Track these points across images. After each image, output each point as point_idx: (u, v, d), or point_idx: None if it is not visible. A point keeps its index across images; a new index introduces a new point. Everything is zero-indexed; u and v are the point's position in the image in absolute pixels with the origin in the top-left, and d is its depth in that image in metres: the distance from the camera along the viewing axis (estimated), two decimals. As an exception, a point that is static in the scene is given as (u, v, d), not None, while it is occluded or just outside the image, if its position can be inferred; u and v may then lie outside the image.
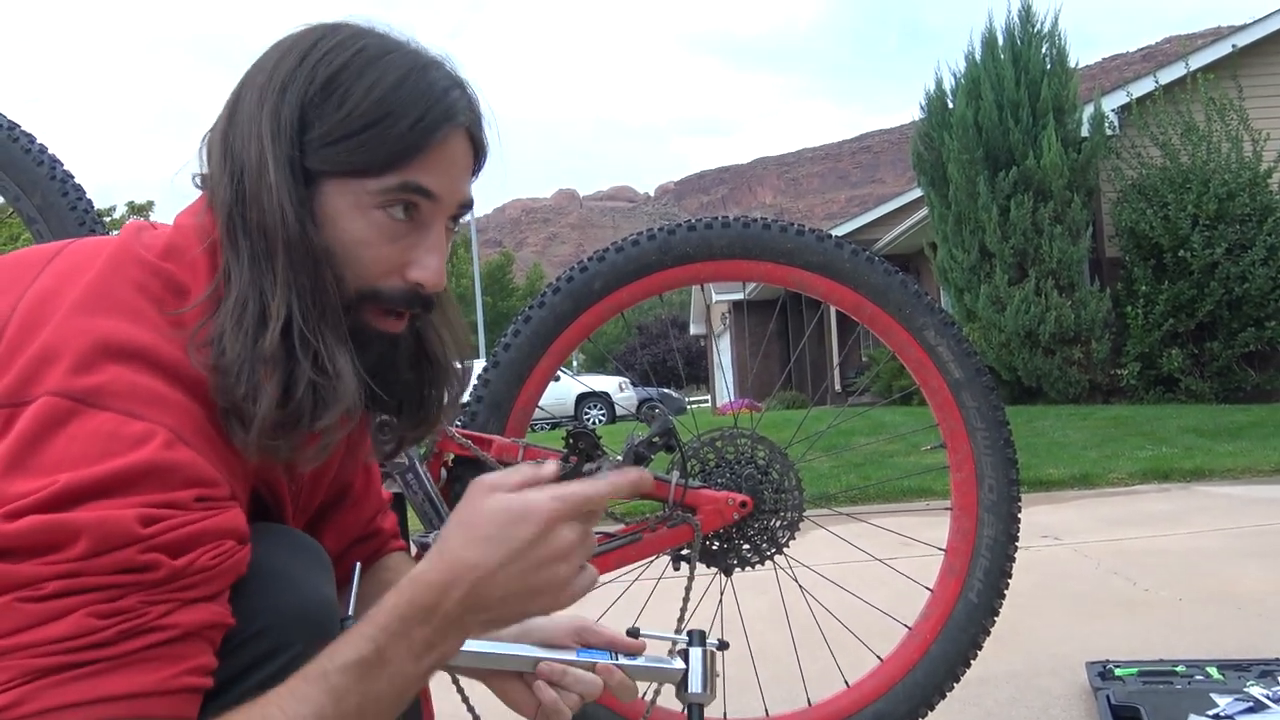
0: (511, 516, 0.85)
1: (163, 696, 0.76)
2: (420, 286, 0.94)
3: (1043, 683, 2.27)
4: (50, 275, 0.89)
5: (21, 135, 1.79)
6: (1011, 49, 11.49)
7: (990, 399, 1.67)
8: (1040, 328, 10.83)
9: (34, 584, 0.73)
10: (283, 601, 0.88)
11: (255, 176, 0.89)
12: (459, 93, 0.95)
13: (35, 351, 0.81)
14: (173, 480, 0.78)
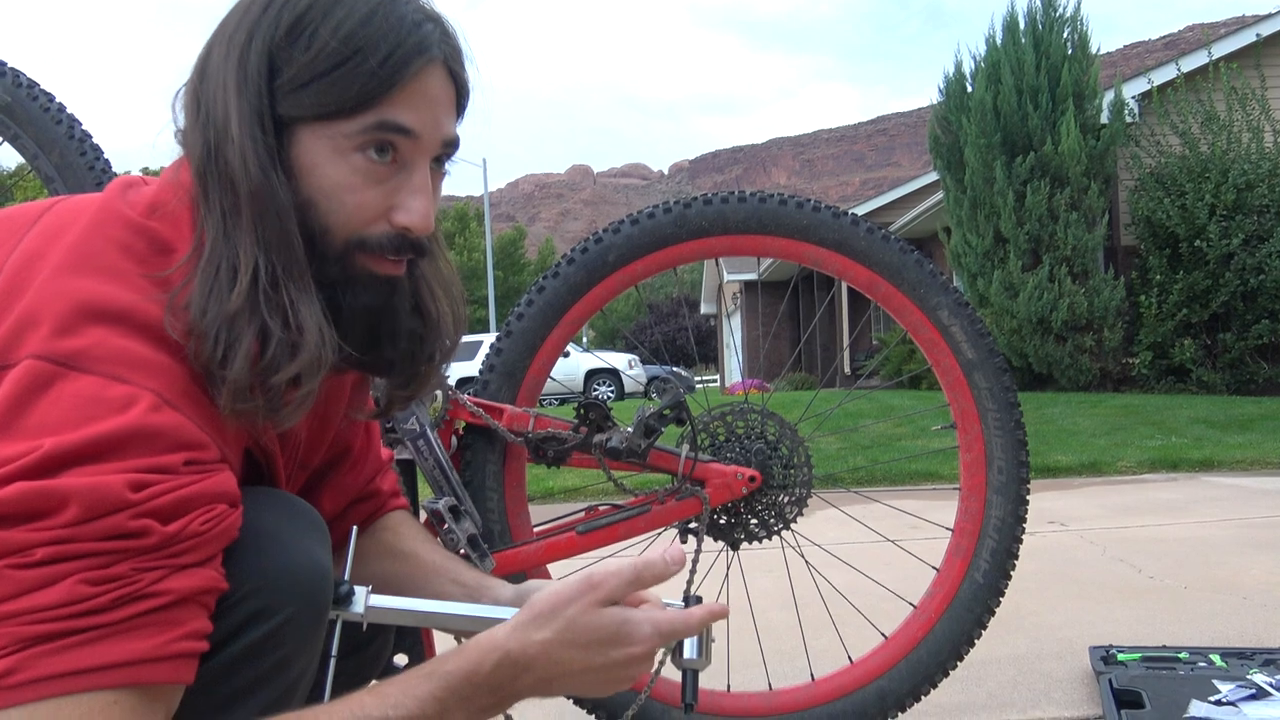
0: (614, 636, 0.91)
1: (160, 662, 0.76)
2: (407, 231, 0.92)
3: (1045, 666, 2.27)
4: (36, 235, 0.88)
5: (40, 94, 1.79)
6: (1033, 33, 11.39)
7: (1002, 380, 1.67)
8: (1053, 315, 10.79)
9: (24, 550, 0.73)
10: (274, 564, 0.87)
11: (222, 130, 0.87)
12: (432, 26, 0.92)
13: (18, 314, 0.80)
14: (160, 444, 0.78)
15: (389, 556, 1.22)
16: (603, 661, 0.91)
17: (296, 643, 0.88)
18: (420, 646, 1.51)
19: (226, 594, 0.83)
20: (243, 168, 0.86)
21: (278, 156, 0.88)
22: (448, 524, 1.44)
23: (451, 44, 0.94)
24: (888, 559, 2.04)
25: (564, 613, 0.90)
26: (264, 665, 0.86)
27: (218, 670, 0.83)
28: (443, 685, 0.86)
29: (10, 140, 1.82)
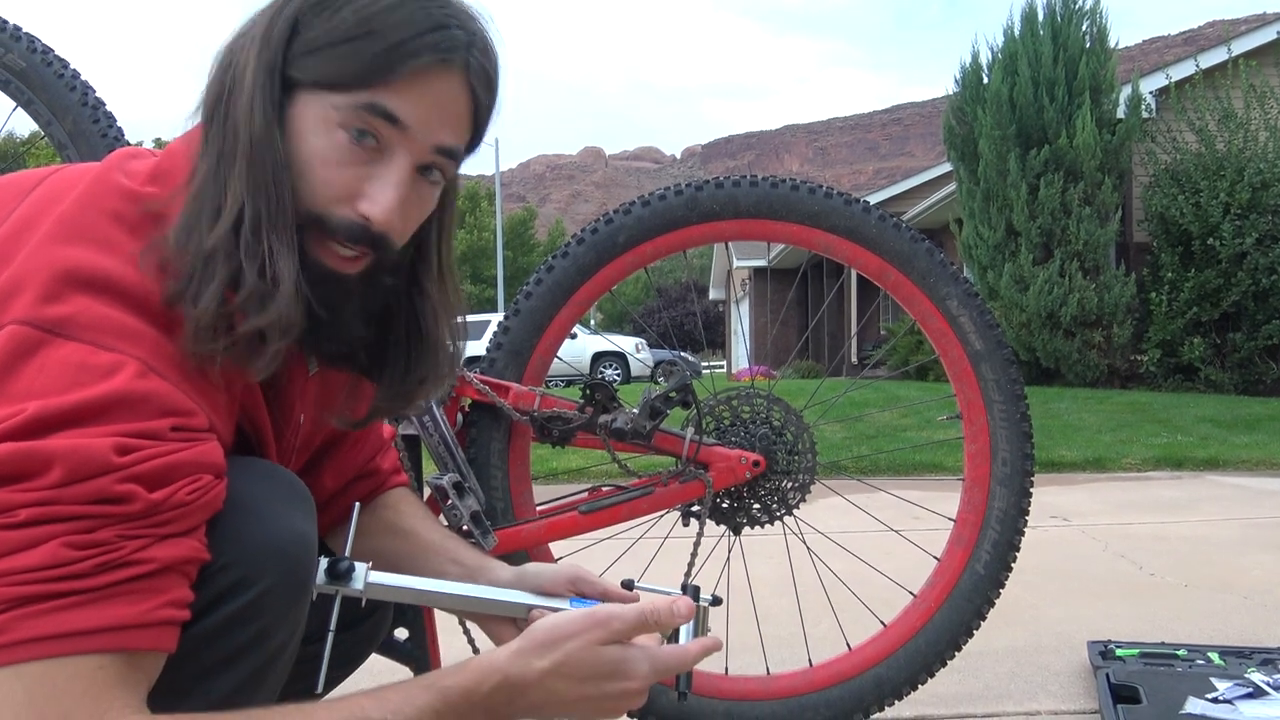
0: (612, 672, 0.94)
1: (143, 629, 0.76)
2: (368, 221, 0.90)
3: (1043, 659, 2.28)
4: (30, 203, 0.88)
5: (55, 60, 1.79)
6: (1051, 25, 11.30)
7: (1010, 372, 1.66)
8: (1062, 309, 10.75)
9: (7, 511, 0.73)
10: (255, 534, 0.87)
11: (238, 78, 0.88)
12: (462, 35, 0.91)
13: (4, 281, 0.80)
14: (146, 409, 0.78)
15: (389, 533, 1.22)
16: (597, 694, 0.94)
17: (276, 614, 0.89)
18: (421, 622, 1.52)
19: (207, 564, 0.83)
20: (247, 115, 0.87)
21: (280, 115, 0.88)
22: (451, 500, 1.45)
23: (478, 60, 0.92)
24: (889, 548, 2.04)
25: (565, 645, 0.92)
26: (244, 636, 0.86)
27: (198, 639, 0.83)
28: (441, 699, 0.87)
29: (24, 106, 1.82)
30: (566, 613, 0.96)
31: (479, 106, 0.95)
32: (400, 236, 0.94)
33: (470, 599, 1.11)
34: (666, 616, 0.99)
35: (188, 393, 0.82)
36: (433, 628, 1.53)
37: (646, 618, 0.97)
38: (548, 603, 1.11)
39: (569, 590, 1.13)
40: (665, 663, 0.98)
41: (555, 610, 1.09)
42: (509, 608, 1.12)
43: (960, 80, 12.31)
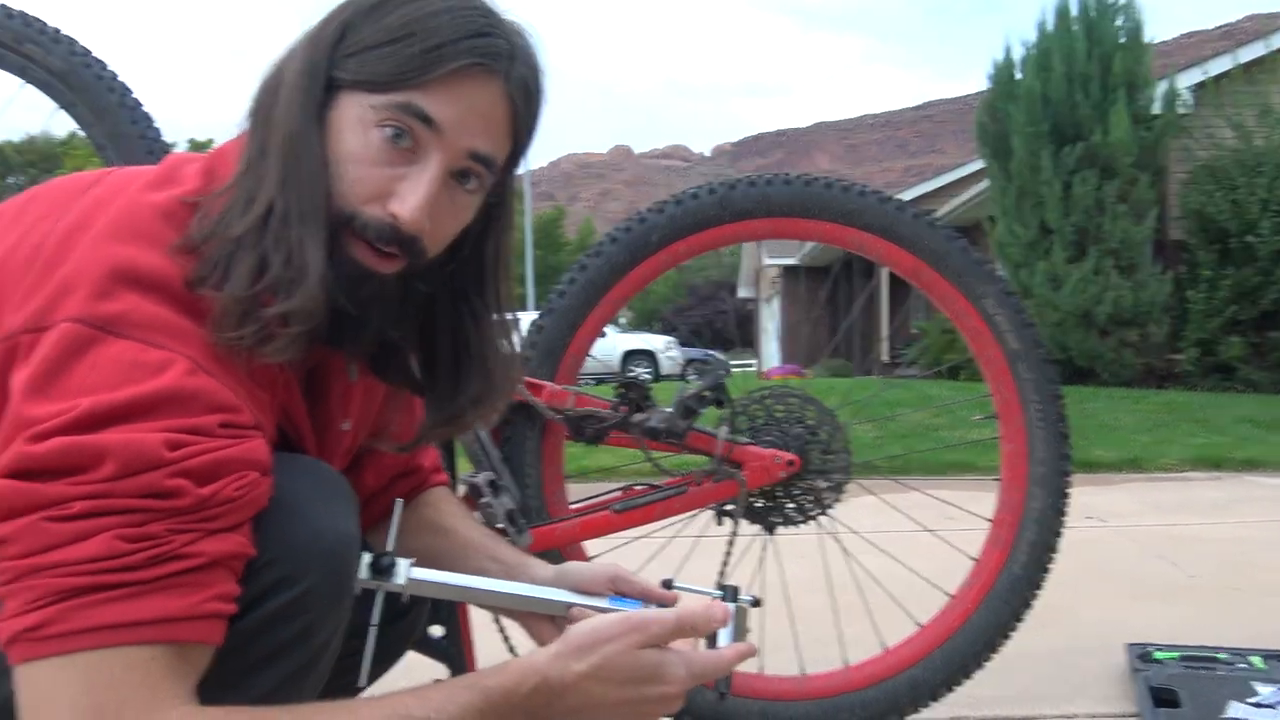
0: (649, 676, 0.93)
1: (191, 621, 0.77)
2: (396, 220, 0.90)
3: (1081, 662, 2.25)
4: (85, 203, 0.89)
5: (94, 62, 1.82)
6: (1085, 20, 11.17)
7: (1046, 371, 1.65)
8: (1097, 308, 10.62)
9: (61, 503, 0.74)
10: (300, 532, 0.88)
11: (283, 78, 0.91)
12: (504, 44, 0.92)
13: (60, 278, 0.82)
14: (196, 406, 0.79)
15: (428, 531, 1.23)
16: (635, 697, 0.94)
17: (320, 610, 0.89)
18: (456, 620, 1.52)
19: (253, 559, 0.84)
20: (286, 110, 0.89)
21: (319, 113, 0.90)
22: (486, 498, 1.45)
23: (520, 71, 0.93)
24: (923, 548, 2.03)
25: (603, 649, 0.92)
26: (288, 632, 0.87)
27: (244, 634, 0.84)
28: (483, 698, 0.87)
29: (65, 107, 1.84)
30: (604, 616, 0.96)
31: (518, 118, 0.95)
32: (432, 241, 0.94)
33: (510, 596, 1.11)
34: (703, 622, 0.99)
35: (234, 390, 0.84)
36: (468, 626, 1.54)
37: (684, 622, 0.97)
38: (587, 601, 1.11)
39: (608, 589, 1.13)
40: (702, 667, 0.98)
41: (595, 608, 1.09)
42: (549, 605, 1.12)
43: (992, 76, 12.20)
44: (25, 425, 0.76)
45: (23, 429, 0.76)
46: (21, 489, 0.75)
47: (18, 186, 36.32)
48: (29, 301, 0.82)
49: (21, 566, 0.74)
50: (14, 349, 0.80)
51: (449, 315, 1.04)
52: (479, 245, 1.03)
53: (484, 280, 1.05)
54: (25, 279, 0.84)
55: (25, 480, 0.75)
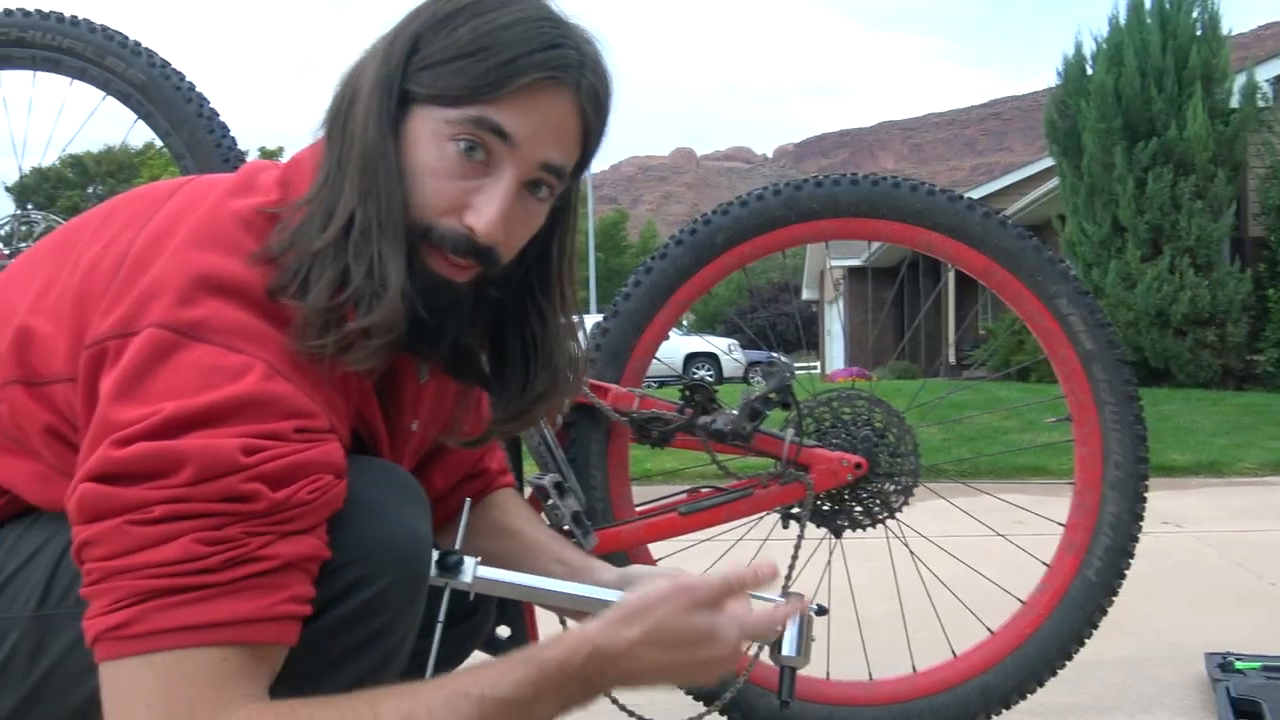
0: (701, 637, 0.94)
1: (266, 623, 0.79)
2: (472, 233, 0.92)
3: (1157, 670, 2.20)
4: (167, 212, 0.92)
5: (173, 73, 1.87)
6: (1159, 12, 10.90)
7: (1122, 373, 1.61)
8: (1172, 308, 10.36)
9: (143, 508, 0.77)
10: (375, 533, 0.90)
11: (356, 89, 0.92)
12: (574, 54, 0.93)
13: (144, 285, 0.84)
14: (272, 411, 0.81)
15: (495, 533, 1.24)
16: (688, 660, 0.94)
17: (395, 610, 0.91)
18: (522, 621, 1.53)
19: (329, 561, 0.86)
20: (363, 125, 0.90)
21: (395, 126, 0.91)
22: (552, 500, 1.46)
23: (590, 81, 0.94)
24: (991, 552, 2.00)
25: (653, 614, 0.92)
26: (364, 631, 0.89)
27: (319, 635, 0.85)
28: (538, 671, 0.88)
29: (144, 118, 1.90)
30: (654, 583, 0.96)
31: (588, 127, 0.96)
32: (505, 250, 0.96)
33: (575, 597, 1.12)
34: (750, 579, 0.98)
35: (309, 395, 0.85)
36: (534, 626, 1.55)
37: (731, 582, 0.97)
38: None
39: None
40: (754, 625, 0.98)
41: None
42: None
43: (1062, 72, 11.97)
44: (111, 428, 0.79)
45: (109, 432, 0.79)
46: (106, 493, 0.77)
47: (97, 196, 37.45)
48: (115, 308, 0.84)
49: (107, 568, 0.77)
50: (102, 354, 0.83)
51: (517, 315, 1.06)
52: (546, 248, 1.05)
53: (550, 281, 1.07)
54: (111, 286, 0.87)
55: (110, 484, 0.78)
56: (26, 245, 2.10)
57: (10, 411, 0.90)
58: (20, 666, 0.88)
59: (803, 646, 1.12)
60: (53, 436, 0.88)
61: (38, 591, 0.89)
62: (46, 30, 1.91)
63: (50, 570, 0.89)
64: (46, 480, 0.90)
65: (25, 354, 0.89)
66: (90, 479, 0.78)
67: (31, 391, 0.89)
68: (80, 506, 0.78)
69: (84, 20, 1.92)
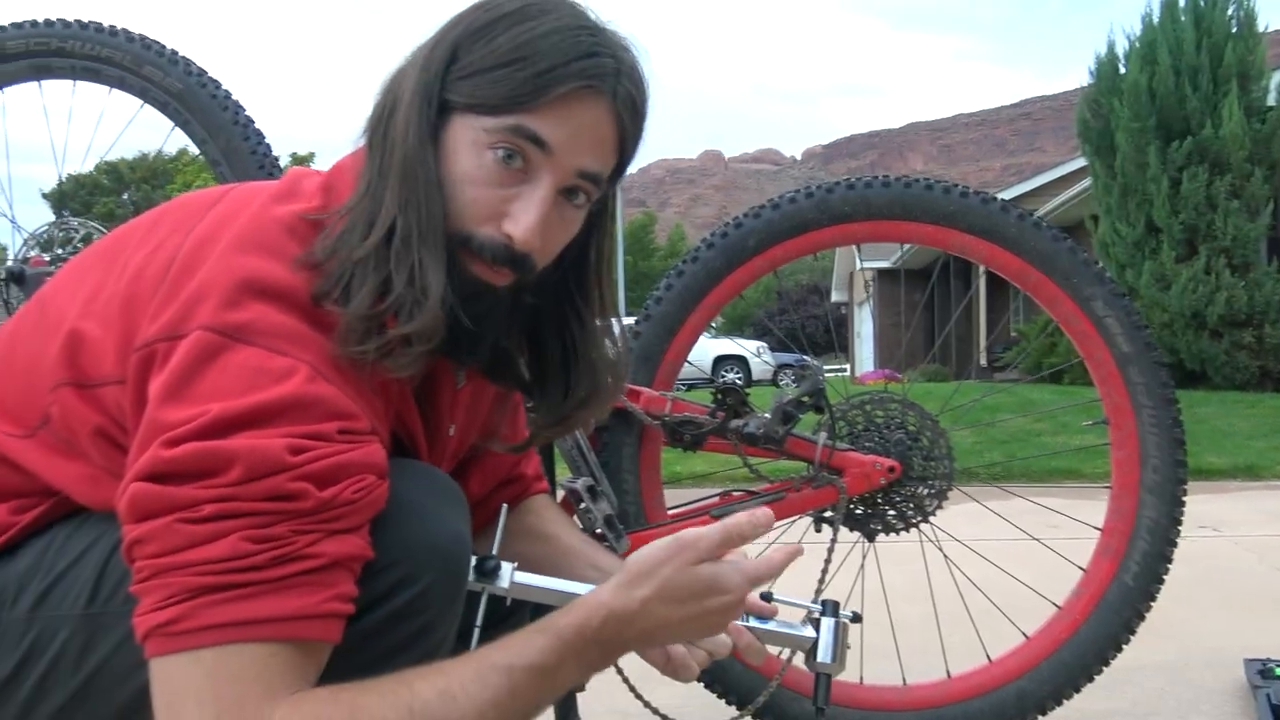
0: (707, 588, 0.95)
1: (311, 620, 0.81)
2: (510, 241, 0.92)
3: (1195, 676, 2.17)
4: (212, 217, 0.94)
5: (209, 81, 1.89)
6: (1193, 10, 10.77)
7: (1160, 375, 1.59)
8: (1208, 309, 10.22)
9: (192, 506, 0.78)
10: (416, 533, 0.91)
11: (397, 98, 0.94)
12: (611, 63, 0.93)
13: (191, 289, 0.86)
14: (316, 412, 0.82)
15: (530, 538, 1.25)
16: (699, 611, 0.96)
17: (437, 609, 0.92)
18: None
19: (372, 561, 0.87)
20: (403, 134, 0.92)
21: (434, 135, 0.93)
22: (585, 503, 1.47)
23: (626, 88, 0.95)
24: (1025, 557, 1.98)
25: (660, 571, 0.94)
26: (406, 630, 0.90)
27: (362, 634, 0.87)
28: (557, 638, 0.90)
29: (181, 126, 1.93)
30: (656, 542, 0.98)
31: (624, 134, 0.97)
32: (542, 256, 0.97)
33: None
34: (748, 527, 0.99)
35: (351, 397, 0.87)
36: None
37: (730, 531, 0.97)
38: None
39: None
40: (756, 570, 1.00)
41: None
42: None
43: (1094, 71, 11.86)
44: (161, 429, 0.81)
45: (159, 433, 0.81)
46: (157, 492, 0.79)
47: (131, 202, 37.95)
48: (163, 312, 0.86)
49: (157, 565, 0.79)
50: (151, 356, 0.85)
51: (555, 319, 1.07)
52: (583, 251, 1.06)
53: (588, 284, 1.07)
54: (159, 290, 0.88)
55: (160, 483, 0.79)
56: (64, 252, 2.14)
57: (61, 414, 0.92)
58: (69, 664, 0.90)
59: (838, 653, 1.12)
60: (102, 438, 0.90)
61: (87, 590, 0.90)
62: (86, 40, 1.94)
63: (99, 569, 0.90)
64: (96, 482, 0.91)
65: (75, 357, 0.91)
66: (141, 478, 0.80)
67: (82, 394, 0.90)
68: (131, 505, 0.80)
69: (122, 30, 1.95)
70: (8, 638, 0.91)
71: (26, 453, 0.94)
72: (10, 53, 1.97)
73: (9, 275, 2.06)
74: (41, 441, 0.93)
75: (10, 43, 1.96)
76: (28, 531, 0.95)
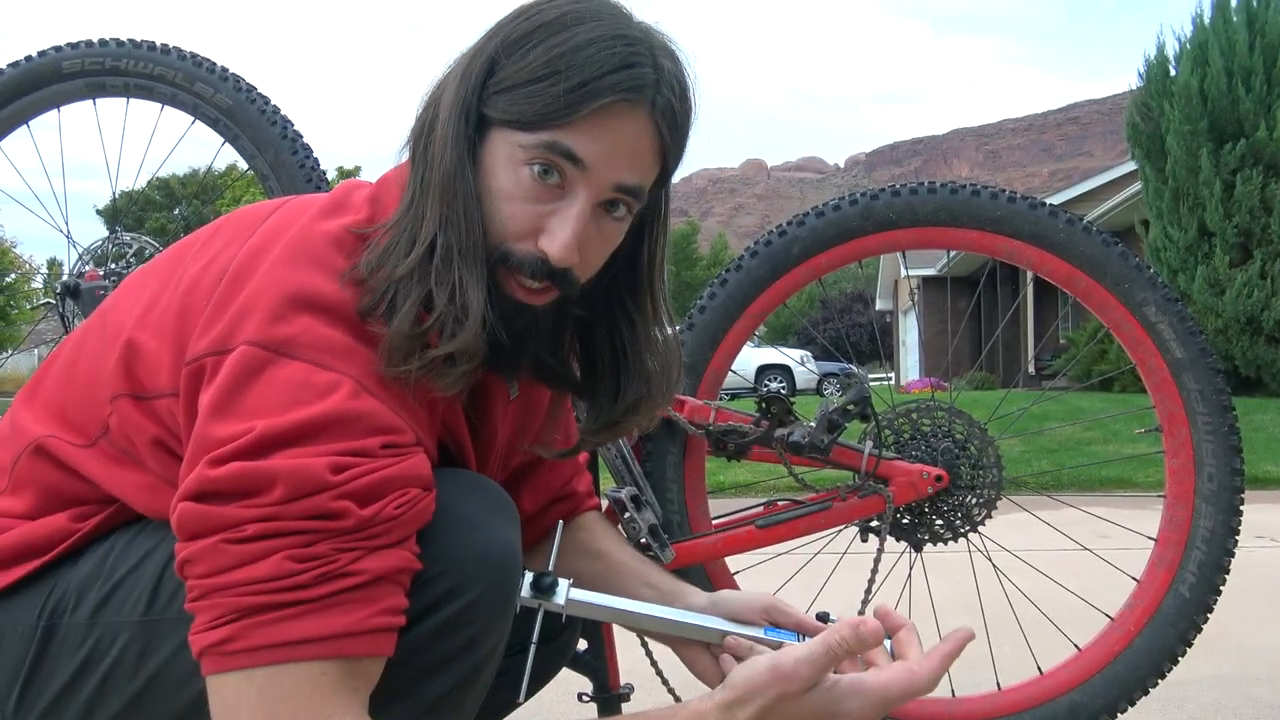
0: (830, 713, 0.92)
1: (360, 636, 0.81)
2: (546, 257, 0.92)
3: (1254, 690, 2.12)
4: (266, 229, 0.95)
5: (258, 97, 1.93)
6: (1246, 10, 10.60)
7: (1215, 382, 1.56)
8: (1264, 314, 10.03)
9: (237, 526, 0.79)
10: (466, 544, 0.91)
11: (436, 114, 0.94)
12: (649, 73, 0.92)
13: (240, 302, 0.87)
14: (359, 428, 0.83)
15: (583, 555, 1.25)
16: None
17: (487, 620, 0.92)
18: (599, 634, 1.54)
19: (420, 572, 0.87)
20: (441, 149, 0.92)
21: (473, 150, 0.93)
22: (629, 513, 1.46)
23: (666, 98, 0.93)
24: (1075, 567, 1.95)
25: (756, 700, 0.91)
26: (456, 641, 0.90)
27: (414, 644, 0.87)
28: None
29: (231, 141, 1.96)
30: (755, 663, 0.93)
31: (665, 144, 0.96)
32: (583, 271, 0.97)
33: (667, 621, 1.12)
34: (855, 643, 0.94)
35: (395, 410, 0.87)
36: (611, 640, 1.55)
37: (833, 652, 0.93)
38: (742, 630, 1.12)
39: (763, 619, 1.13)
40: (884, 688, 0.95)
41: (750, 638, 1.10)
42: (704, 633, 1.13)
43: (1144, 74, 11.70)
44: (208, 445, 0.82)
45: (206, 449, 0.82)
46: (203, 512, 0.80)
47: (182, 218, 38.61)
48: (213, 326, 0.87)
49: (206, 585, 0.80)
50: (200, 370, 0.86)
51: (606, 325, 1.07)
52: (634, 256, 1.05)
53: (640, 289, 1.07)
54: (210, 303, 0.89)
55: (206, 503, 0.80)
56: (117, 266, 2.18)
57: (119, 424, 0.93)
58: (128, 669, 0.91)
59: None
60: (159, 448, 0.92)
61: (145, 597, 0.92)
62: (139, 59, 1.98)
63: (157, 576, 0.92)
64: (154, 490, 0.93)
65: (132, 368, 0.93)
66: (187, 498, 0.81)
67: (139, 405, 0.92)
68: (180, 525, 0.81)
69: (174, 48, 1.99)
70: (69, 642, 0.93)
71: (88, 462, 0.96)
72: (67, 72, 2.02)
73: (64, 290, 2.11)
74: (101, 451, 0.95)
75: (66, 62, 2.01)
76: (89, 538, 0.97)
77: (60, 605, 0.94)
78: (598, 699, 1.55)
